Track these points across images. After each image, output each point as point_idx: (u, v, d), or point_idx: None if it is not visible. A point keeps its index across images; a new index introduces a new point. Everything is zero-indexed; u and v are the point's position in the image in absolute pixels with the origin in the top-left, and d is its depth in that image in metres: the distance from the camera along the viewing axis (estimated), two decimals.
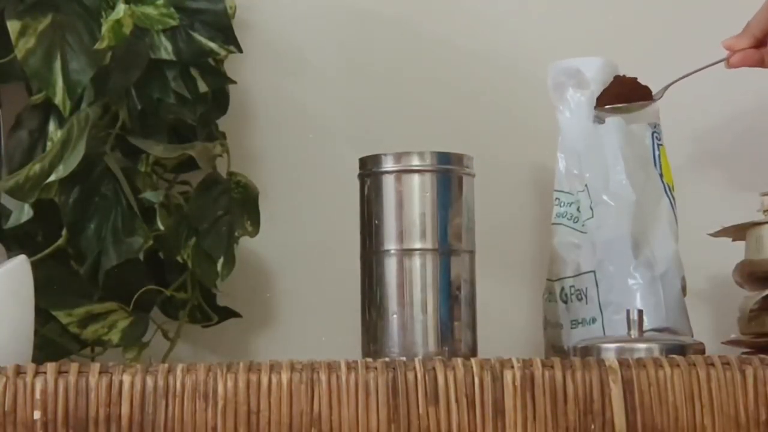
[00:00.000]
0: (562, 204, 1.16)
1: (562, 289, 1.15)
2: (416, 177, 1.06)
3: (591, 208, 1.14)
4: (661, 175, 1.16)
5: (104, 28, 1.09)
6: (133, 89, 1.16)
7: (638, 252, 1.12)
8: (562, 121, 1.16)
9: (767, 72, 1.23)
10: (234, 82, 1.22)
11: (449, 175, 1.06)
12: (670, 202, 1.15)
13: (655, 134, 1.17)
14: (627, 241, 1.12)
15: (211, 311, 1.22)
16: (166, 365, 0.86)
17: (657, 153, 1.16)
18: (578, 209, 1.15)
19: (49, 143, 1.14)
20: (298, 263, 1.29)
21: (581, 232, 1.14)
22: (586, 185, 1.14)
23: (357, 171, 1.08)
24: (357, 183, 1.08)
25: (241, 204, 1.20)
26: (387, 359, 0.88)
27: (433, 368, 0.86)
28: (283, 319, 1.29)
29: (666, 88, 1.15)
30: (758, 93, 1.31)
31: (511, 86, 1.27)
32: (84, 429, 0.85)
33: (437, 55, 1.31)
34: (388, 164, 1.06)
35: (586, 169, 1.15)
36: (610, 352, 0.97)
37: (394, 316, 1.04)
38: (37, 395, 0.85)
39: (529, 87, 1.27)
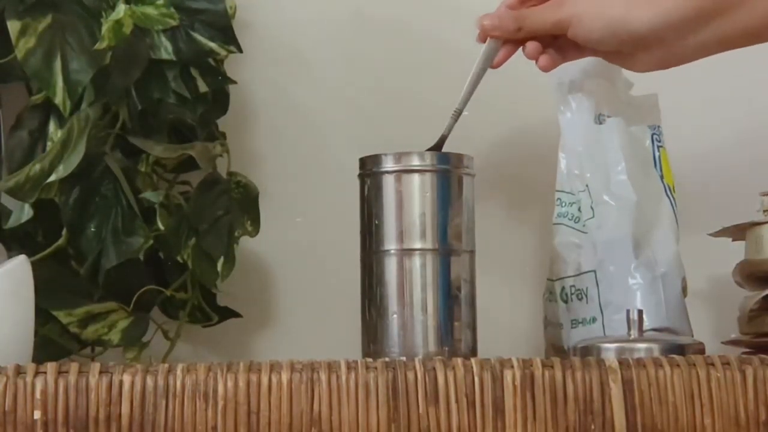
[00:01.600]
0: (563, 204, 1.16)
1: (563, 288, 1.15)
2: (416, 177, 1.06)
3: (592, 208, 1.14)
4: (661, 177, 1.16)
5: (104, 28, 1.09)
6: (133, 89, 1.16)
7: (639, 252, 1.12)
8: (564, 121, 1.16)
9: (767, 71, 1.23)
10: (234, 82, 1.22)
11: (449, 175, 1.06)
12: (671, 203, 1.15)
13: (655, 136, 1.17)
14: (628, 242, 1.12)
15: (211, 311, 1.22)
16: (166, 365, 0.86)
17: (657, 154, 1.16)
18: (579, 209, 1.15)
19: (49, 143, 1.14)
20: (298, 263, 1.29)
21: (582, 232, 1.14)
22: (587, 185, 1.14)
23: (357, 171, 1.08)
24: (357, 183, 1.08)
25: (241, 204, 1.20)
26: (387, 359, 0.88)
27: (433, 368, 0.86)
28: (283, 319, 1.29)
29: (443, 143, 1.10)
30: (758, 92, 1.31)
31: (512, 86, 1.27)
32: (84, 429, 0.85)
33: (437, 55, 1.31)
34: (388, 164, 1.06)
35: (587, 169, 1.15)
36: (610, 352, 0.97)
37: (394, 316, 1.04)
38: (37, 395, 0.84)
39: (530, 86, 1.26)
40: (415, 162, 1.06)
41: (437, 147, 1.09)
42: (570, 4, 1.09)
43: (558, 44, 1.12)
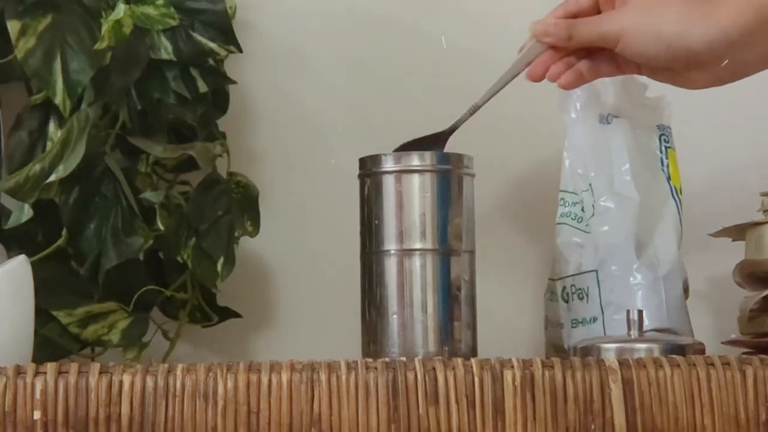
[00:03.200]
0: (566, 204, 1.16)
1: (564, 288, 1.15)
2: (416, 177, 1.06)
3: (594, 208, 1.14)
4: (668, 178, 1.15)
5: (104, 28, 1.09)
6: (133, 89, 1.16)
7: (641, 253, 1.12)
8: (568, 120, 1.16)
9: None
10: (234, 82, 1.22)
11: (449, 175, 1.06)
12: (677, 205, 1.15)
13: (663, 137, 1.16)
14: (630, 242, 1.12)
15: (211, 311, 1.22)
16: (166, 365, 0.86)
17: (665, 156, 1.16)
18: (582, 209, 1.15)
19: (49, 143, 1.14)
20: (298, 263, 1.29)
21: (585, 231, 1.14)
22: (590, 184, 1.14)
23: (357, 171, 1.08)
24: (357, 183, 1.08)
25: (241, 204, 1.20)
26: (387, 359, 0.88)
27: (433, 368, 0.86)
28: (283, 319, 1.29)
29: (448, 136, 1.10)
30: (759, 92, 1.31)
31: (512, 86, 1.27)
32: (84, 429, 0.85)
33: (438, 54, 1.31)
34: (388, 164, 1.06)
35: (590, 168, 1.14)
36: (610, 352, 0.97)
37: (394, 316, 1.04)
38: (37, 395, 0.84)
39: (530, 86, 1.26)
40: (415, 162, 1.06)
41: (444, 136, 1.08)
42: (620, 18, 1.05)
43: (605, 58, 1.09)
